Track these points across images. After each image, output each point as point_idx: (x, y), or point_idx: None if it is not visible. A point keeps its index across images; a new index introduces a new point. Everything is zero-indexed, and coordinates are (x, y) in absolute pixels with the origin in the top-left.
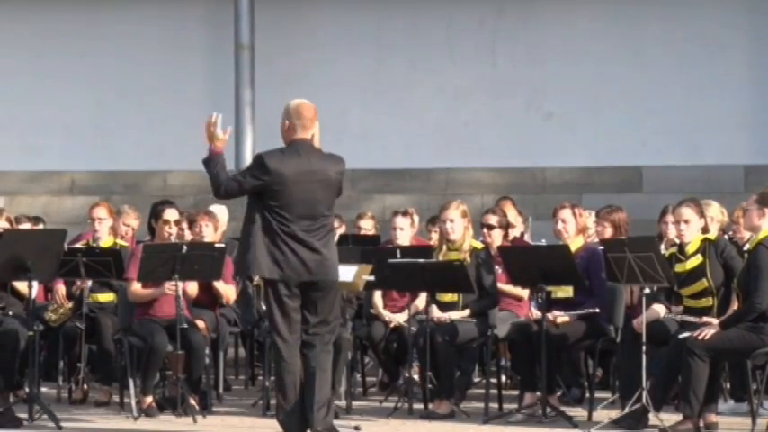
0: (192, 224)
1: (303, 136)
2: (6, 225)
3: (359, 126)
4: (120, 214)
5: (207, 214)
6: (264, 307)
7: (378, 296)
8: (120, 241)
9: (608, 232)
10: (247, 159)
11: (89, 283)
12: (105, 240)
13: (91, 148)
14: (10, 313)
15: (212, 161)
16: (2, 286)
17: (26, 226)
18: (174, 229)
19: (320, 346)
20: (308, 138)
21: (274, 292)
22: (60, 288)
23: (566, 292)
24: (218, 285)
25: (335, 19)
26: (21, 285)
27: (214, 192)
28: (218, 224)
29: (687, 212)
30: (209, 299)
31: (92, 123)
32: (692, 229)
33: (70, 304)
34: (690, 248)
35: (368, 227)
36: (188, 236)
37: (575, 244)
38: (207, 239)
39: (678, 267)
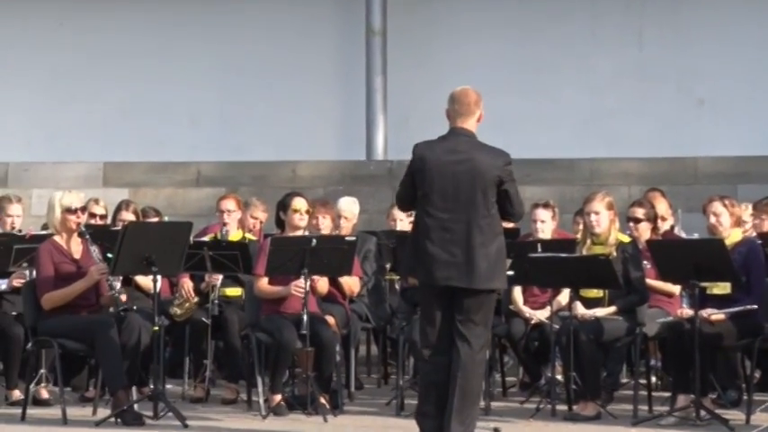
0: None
1: (460, 124)
2: (132, 217)
3: (498, 114)
4: (248, 207)
5: (323, 205)
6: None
7: (518, 292)
8: (249, 235)
9: (766, 225)
10: (379, 149)
11: (220, 278)
12: (234, 234)
13: (217, 139)
14: (134, 308)
15: None
16: (126, 281)
17: (154, 219)
18: (306, 218)
19: (468, 350)
20: (467, 126)
21: (421, 290)
22: (186, 282)
23: (723, 288)
24: (343, 278)
25: (473, 1)
26: (144, 280)
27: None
28: (335, 214)
29: None
30: (339, 293)
31: (218, 113)
32: None
33: (197, 299)
34: None
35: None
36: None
37: (731, 237)
38: (324, 233)
39: None
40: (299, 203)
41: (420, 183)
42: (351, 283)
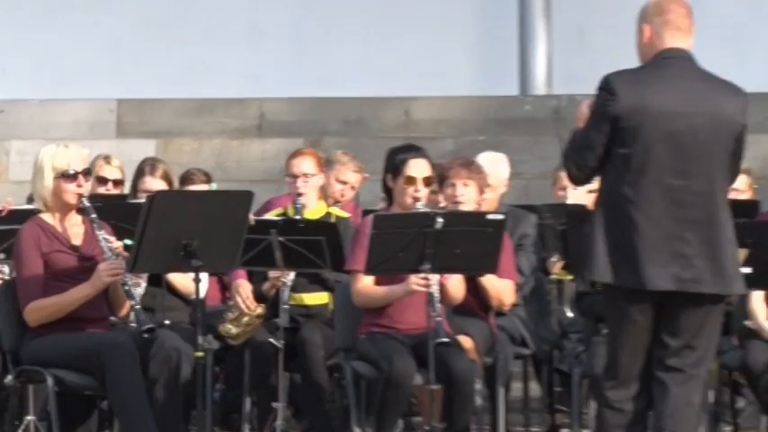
0: (440, 182)
1: (677, 43)
2: (162, 185)
3: (717, 23)
4: (334, 166)
5: (465, 166)
6: (570, 313)
7: (758, 300)
8: (335, 209)
9: None
10: (539, 79)
11: (291, 276)
12: (314, 208)
13: (289, 65)
14: (166, 322)
15: None
16: (154, 280)
17: (202, 188)
18: (425, 191)
19: (682, 388)
20: (685, 48)
21: (613, 297)
22: (243, 284)
23: None
24: (486, 279)
25: None
26: (181, 280)
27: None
28: (484, 182)
29: None
30: (478, 302)
31: (291, 27)
32: None
33: (260, 309)
34: None
35: (738, 186)
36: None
37: None
38: (466, 207)
39: None
40: (417, 167)
41: (626, 135)
42: (499, 287)
